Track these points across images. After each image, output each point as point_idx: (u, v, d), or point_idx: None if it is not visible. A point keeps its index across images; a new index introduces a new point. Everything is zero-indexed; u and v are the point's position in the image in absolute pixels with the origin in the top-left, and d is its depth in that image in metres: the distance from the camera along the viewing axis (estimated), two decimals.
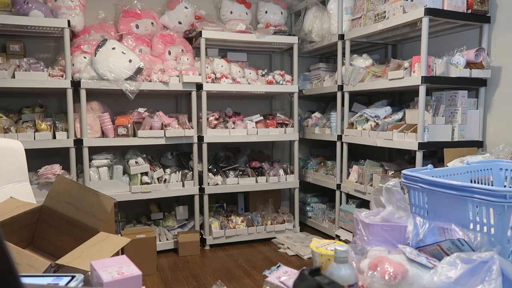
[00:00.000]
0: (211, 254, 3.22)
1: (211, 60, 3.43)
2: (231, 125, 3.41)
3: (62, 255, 1.27)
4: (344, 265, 0.83)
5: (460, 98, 2.60)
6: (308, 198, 4.00)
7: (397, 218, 1.02)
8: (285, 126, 3.60)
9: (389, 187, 1.08)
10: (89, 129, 2.96)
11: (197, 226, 3.37)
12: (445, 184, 1.00)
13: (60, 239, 1.59)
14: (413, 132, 2.59)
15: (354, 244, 1.03)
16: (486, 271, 0.80)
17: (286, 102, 4.14)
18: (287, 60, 4.11)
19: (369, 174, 3.08)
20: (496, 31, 2.60)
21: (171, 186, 3.21)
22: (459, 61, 2.47)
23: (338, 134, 3.41)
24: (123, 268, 0.86)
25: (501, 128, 2.60)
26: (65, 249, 1.33)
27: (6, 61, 2.89)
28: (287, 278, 0.91)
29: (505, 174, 1.30)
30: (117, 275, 0.82)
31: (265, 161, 3.70)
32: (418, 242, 0.99)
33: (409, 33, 3.03)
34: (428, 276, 0.84)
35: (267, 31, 3.45)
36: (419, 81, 2.50)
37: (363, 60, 3.28)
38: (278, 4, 3.73)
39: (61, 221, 1.53)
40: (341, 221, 3.39)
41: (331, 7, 3.39)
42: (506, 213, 0.89)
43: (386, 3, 2.82)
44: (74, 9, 3.00)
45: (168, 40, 3.33)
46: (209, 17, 3.48)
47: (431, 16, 2.46)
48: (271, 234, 3.51)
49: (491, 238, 0.90)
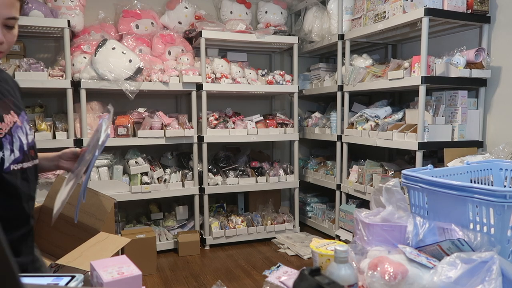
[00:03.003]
0: (211, 254, 3.22)
1: (211, 60, 3.43)
2: (231, 125, 3.41)
3: (62, 255, 1.27)
4: (344, 265, 0.83)
5: (460, 98, 2.60)
6: (308, 198, 4.00)
7: (397, 218, 1.02)
8: (285, 126, 3.60)
9: (389, 187, 1.08)
10: (89, 129, 2.96)
11: (197, 226, 3.37)
12: (445, 184, 1.00)
13: (60, 239, 1.59)
14: (413, 132, 2.59)
15: (354, 244, 1.03)
16: (486, 271, 0.80)
17: (286, 102, 4.14)
18: (287, 60, 4.11)
19: (369, 174, 3.08)
20: (496, 31, 2.60)
21: (171, 186, 3.21)
22: (459, 61, 2.47)
23: (338, 134, 3.41)
24: (123, 268, 0.86)
25: (501, 128, 2.60)
26: (65, 249, 1.33)
27: (6, 61, 2.89)
28: (287, 278, 0.91)
29: (505, 174, 1.30)
30: (117, 275, 0.82)
31: (265, 161, 3.70)
32: (418, 242, 0.99)
33: (409, 33, 3.03)
34: (428, 276, 0.84)
35: (267, 31, 3.45)
36: (419, 81, 2.50)
37: (363, 60, 3.28)
38: (278, 4, 3.73)
39: (61, 221, 1.53)
40: (341, 221, 3.39)
41: (331, 7, 3.39)
42: (506, 213, 0.89)
43: (386, 3, 2.81)
44: (74, 9, 3.00)
45: (168, 40, 3.33)
46: (209, 17, 3.48)
47: (431, 16, 2.46)
48: (271, 234, 3.51)
49: (491, 238, 0.90)
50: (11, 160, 1.04)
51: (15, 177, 1.06)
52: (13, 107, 1.10)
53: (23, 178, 1.08)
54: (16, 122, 1.08)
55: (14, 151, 1.05)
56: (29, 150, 1.11)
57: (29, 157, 1.11)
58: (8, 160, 1.04)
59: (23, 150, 1.08)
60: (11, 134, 1.05)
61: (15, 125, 1.07)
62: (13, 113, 1.08)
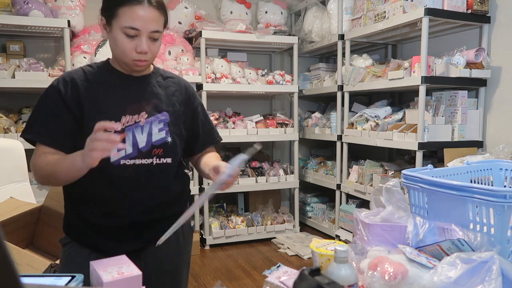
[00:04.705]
0: (211, 254, 3.22)
1: (211, 60, 3.43)
2: (231, 125, 3.40)
3: None
4: (344, 265, 0.83)
5: (460, 98, 2.60)
6: (308, 198, 4.00)
7: (397, 218, 1.02)
8: (285, 126, 3.60)
9: (389, 187, 1.08)
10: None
11: (197, 226, 3.37)
12: (445, 184, 1.00)
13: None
14: (413, 132, 2.59)
15: (354, 244, 1.03)
16: (486, 271, 0.80)
17: (286, 102, 4.14)
18: (287, 60, 4.11)
19: (369, 174, 3.08)
20: (496, 31, 2.60)
21: None
22: (459, 61, 2.47)
23: (338, 134, 3.41)
24: (123, 268, 0.86)
25: (501, 128, 2.60)
26: None
27: (6, 61, 2.89)
28: (287, 278, 0.91)
29: (505, 174, 1.30)
30: (117, 275, 0.82)
31: (265, 161, 3.70)
32: (418, 242, 0.99)
33: (409, 33, 3.03)
34: (428, 276, 0.84)
35: (267, 31, 3.45)
36: (419, 81, 2.50)
37: (363, 60, 3.28)
38: (278, 4, 3.73)
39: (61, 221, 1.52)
40: (341, 221, 3.39)
41: (331, 7, 3.39)
42: (506, 213, 0.89)
43: (386, 3, 2.81)
44: (74, 9, 3.00)
45: (168, 40, 3.33)
46: (209, 17, 3.48)
47: (431, 16, 2.46)
48: (271, 234, 3.51)
49: (491, 238, 0.90)
50: (121, 155, 1.16)
51: (123, 171, 1.16)
52: (148, 109, 1.21)
53: (135, 172, 1.18)
54: (139, 122, 1.19)
55: (126, 148, 1.16)
56: (152, 149, 1.20)
57: (146, 155, 1.19)
58: (116, 156, 1.15)
59: (138, 148, 1.18)
60: (123, 132, 1.16)
61: (135, 124, 1.18)
62: (143, 114, 1.20)
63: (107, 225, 1.20)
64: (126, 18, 1.11)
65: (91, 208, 1.20)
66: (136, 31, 1.12)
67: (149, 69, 1.29)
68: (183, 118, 1.31)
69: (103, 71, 1.24)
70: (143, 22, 1.12)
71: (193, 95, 1.37)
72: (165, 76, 1.33)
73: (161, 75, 1.32)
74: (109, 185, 1.18)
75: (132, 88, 1.23)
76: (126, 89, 1.23)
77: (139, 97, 1.22)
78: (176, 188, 1.31)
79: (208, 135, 1.43)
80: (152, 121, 1.21)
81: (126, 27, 1.12)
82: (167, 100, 1.27)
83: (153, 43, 1.17)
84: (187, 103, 1.33)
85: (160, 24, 1.17)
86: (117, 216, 1.20)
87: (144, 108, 1.21)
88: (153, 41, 1.17)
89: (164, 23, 1.19)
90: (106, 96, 1.19)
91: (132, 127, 1.18)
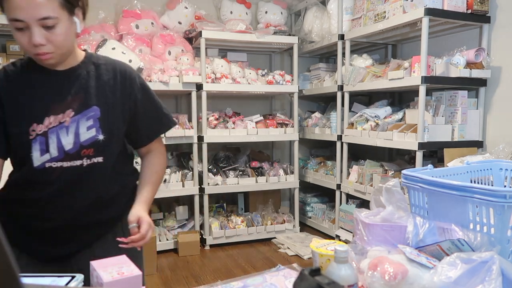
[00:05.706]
0: (211, 254, 3.22)
1: (211, 60, 3.43)
2: (231, 125, 3.40)
3: None
4: (344, 265, 0.83)
5: (460, 98, 2.60)
6: (308, 198, 4.00)
7: (397, 218, 1.02)
8: (285, 126, 3.59)
9: (389, 187, 1.08)
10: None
11: (197, 226, 3.37)
12: (445, 184, 1.00)
13: None
14: (413, 132, 2.59)
15: (354, 244, 1.03)
16: (486, 271, 0.80)
17: (286, 102, 4.14)
18: (287, 60, 4.11)
19: (369, 174, 3.08)
20: (496, 31, 2.60)
21: (171, 186, 3.21)
22: (459, 61, 2.47)
23: (338, 134, 3.41)
24: (123, 268, 0.86)
25: (501, 128, 2.60)
26: None
27: (6, 61, 2.89)
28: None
29: (505, 174, 1.30)
30: (117, 275, 0.82)
31: (265, 161, 3.70)
32: (418, 242, 0.99)
33: (409, 33, 3.03)
34: (428, 276, 0.84)
35: (267, 31, 3.45)
36: (419, 81, 2.50)
37: (363, 60, 3.28)
38: (278, 4, 3.73)
39: None
40: (341, 221, 3.39)
41: (331, 7, 3.39)
42: (506, 213, 0.89)
43: (386, 3, 2.81)
44: None
45: (168, 40, 3.33)
46: (209, 17, 3.48)
47: (431, 16, 2.46)
48: (271, 234, 3.51)
49: (491, 238, 0.90)
50: (45, 159, 1.08)
51: (48, 174, 1.10)
52: (74, 106, 1.11)
53: (63, 175, 1.11)
54: (64, 122, 1.10)
55: (50, 151, 1.09)
56: (81, 149, 1.11)
57: (75, 157, 1.11)
58: (39, 159, 1.08)
59: (64, 150, 1.10)
60: (46, 135, 1.08)
61: (60, 125, 1.09)
62: (69, 112, 1.10)
63: (37, 227, 1.16)
64: (9, 9, 0.98)
65: (20, 209, 1.16)
66: (22, 22, 0.99)
67: (76, 58, 1.15)
68: (120, 109, 1.18)
69: (25, 69, 1.14)
70: (25, 11, 0.97)
71: (130, 78, 1.21)
72: (97, 63, 1.18)
73: (93, 63, 1.17)
74: (36, 189, 1.11)
75: (56, 84, 1.11)
76: (50, 86, 1.11)
77: (64, 94, 1.11)
78: (112, 188, 1.21)
79: (154, 123, 1.28)
80: (79, 119, 1.11)
81: (12, 20, 1.00)
82: (98, 92, 1.14)
83: (50, 31, 1.01)
84: (123, 90, 1.18)
85: (50, 8, 0.99)
86: (48, 218, 1.14)
87: (70, 105, 1.10)
88: (49, 29, 1.01)
89: (61, 4, 1.01)
90: (28, 98, 1.09)
91: (56, 128, 1.09)
